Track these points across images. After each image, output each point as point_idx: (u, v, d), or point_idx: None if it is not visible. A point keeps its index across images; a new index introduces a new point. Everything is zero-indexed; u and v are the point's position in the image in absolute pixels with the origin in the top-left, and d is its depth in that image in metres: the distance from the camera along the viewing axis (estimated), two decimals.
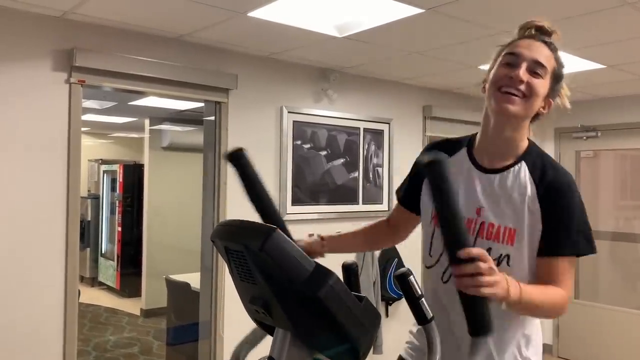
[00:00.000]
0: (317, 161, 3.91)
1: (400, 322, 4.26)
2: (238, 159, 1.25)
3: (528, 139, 1.47)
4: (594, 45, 3.26)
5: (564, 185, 1.39)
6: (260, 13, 2.73)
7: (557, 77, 1.43)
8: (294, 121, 3.78)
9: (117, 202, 7.49)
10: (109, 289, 7.70)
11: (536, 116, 1.45)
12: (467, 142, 1.54)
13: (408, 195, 1.67)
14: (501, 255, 1.38)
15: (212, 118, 3.49)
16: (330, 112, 3.97)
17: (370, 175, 4.22)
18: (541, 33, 1.44)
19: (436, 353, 1.11)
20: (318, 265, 0.99)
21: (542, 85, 1.38)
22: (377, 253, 4.18)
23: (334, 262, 1.28)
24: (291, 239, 1.05)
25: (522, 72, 1.36)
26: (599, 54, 3.45)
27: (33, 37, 2.78)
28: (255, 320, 1.13)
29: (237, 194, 3.45)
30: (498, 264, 1.38)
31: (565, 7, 2.59)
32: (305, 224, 3.81)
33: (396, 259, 4.22)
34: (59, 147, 2.85)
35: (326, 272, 0.98)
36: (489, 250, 1.39)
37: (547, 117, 1.47)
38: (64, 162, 2.87)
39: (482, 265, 1.09)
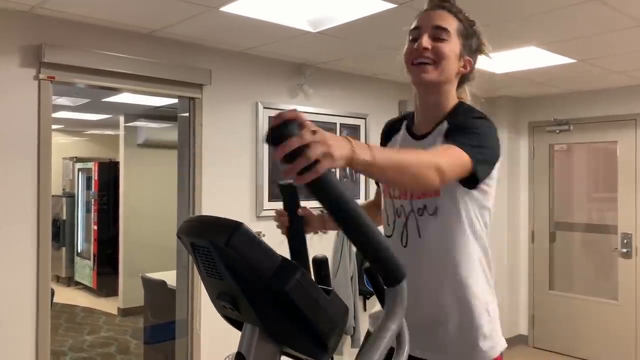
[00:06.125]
0: None
1: None
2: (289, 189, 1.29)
3: (460, 101, 1.51)
4: (565, 40, 3.30)
5: (471, 115, 1.42)
6: (232, 8, 2.71)
7: (466, 34, 1.47)
8: (269, 117, 3.76)
9: (92, 200, 7.38)
10: (86, 288, 7.60)
11: (462, 78, 1.51)
12: (408, 118, 1.63)
13: None
14: (436, 207, 1.43)
15: (187, 114, 3.46)
16: (306, 107, 3.96)
17: (347, 170, 4.23)
18: (440, 1, 1.49)
19: (404, 343, 1.12)
20: (284, 259, 0.99)
21: (448, 47, 1.44)
22: (354, 248, 4.19)
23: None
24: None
25: (425, 40, 1.43)
26: (569, 49, 3.50)
27: None
28: (223, 315, 1.13)
29: (211, 190, 3.44)
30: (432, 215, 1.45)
31: (536, 3, 2.62)
32: None
33: None
34: (29, 145, 2.80)
35: (292, 267, 0.98)
36: (424, 207, 1.45)
37: (472, 76, 1.53)
38: (34, 160, 2.82)
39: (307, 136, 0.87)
